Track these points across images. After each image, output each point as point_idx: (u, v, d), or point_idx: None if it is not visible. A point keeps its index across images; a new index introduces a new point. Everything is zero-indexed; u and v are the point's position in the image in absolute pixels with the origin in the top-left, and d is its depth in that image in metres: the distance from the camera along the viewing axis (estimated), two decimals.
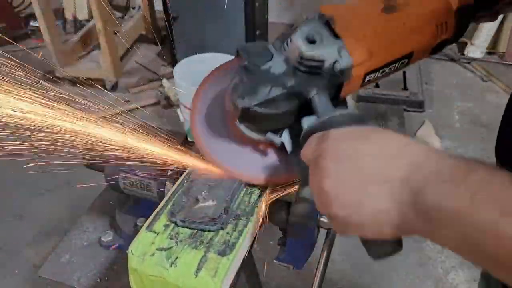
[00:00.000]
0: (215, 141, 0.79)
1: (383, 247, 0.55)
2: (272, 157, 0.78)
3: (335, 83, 0.67)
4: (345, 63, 0.65)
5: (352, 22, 0.67)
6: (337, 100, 0.71)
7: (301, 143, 0.62)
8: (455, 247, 0.43)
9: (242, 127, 0.74)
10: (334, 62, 0.65)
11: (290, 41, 0.67)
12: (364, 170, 0.49)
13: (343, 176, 0.50)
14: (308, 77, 0.66)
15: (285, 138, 0.72)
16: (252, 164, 0.78)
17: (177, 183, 0.80)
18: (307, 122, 0.66)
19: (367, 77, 0.69)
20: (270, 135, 0.72)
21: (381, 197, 0.47)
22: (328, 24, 0.66)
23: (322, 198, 0.53)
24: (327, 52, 0.65)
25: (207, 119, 0.80)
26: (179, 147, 0.83)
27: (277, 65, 0.67)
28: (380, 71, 0.70)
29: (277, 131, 0.72)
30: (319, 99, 0.65)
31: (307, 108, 0.67)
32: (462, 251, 0.43)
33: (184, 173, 0.81)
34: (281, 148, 0.73)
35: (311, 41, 0.65)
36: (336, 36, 0.66)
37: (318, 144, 0.55)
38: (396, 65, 0.71)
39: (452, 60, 3.61)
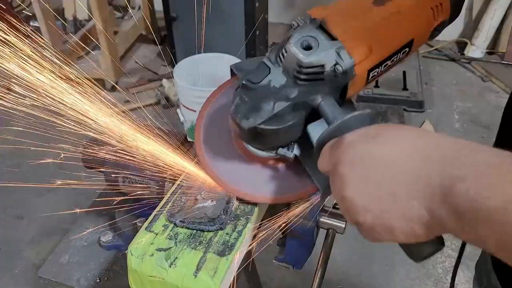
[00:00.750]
0: (223, 165, 0.77)
1: (423, 248, 0.53)
2: (285, 172, 0.76)
3: (339, 86, 0.65)
4: (346, 64, 0.62)
5: (345, 20, 0.65)
6: (344, 102, 0.68)
7: (316, 153, 0.59)
8: (487, 246, 0.41)
9: (250, 147, 0.72)
10: (335, 65, 0.62)
11: (286, 52, 0.64)
12: (384, 173, 0.47)
13: (363, 181, 0.48)
14: (311, 84, 0.64)
15: (297, 151, 0.70)
16: (267, 184, 0.75)
17: (177, 183, 0.80)
18: (314, 129, 0.63)
19: (371, 73, 0.67)
20: (282, 151, 0.69)
21: (407, 198, 0.45)
22: (321, 27, 0.64)
23: (345, 207, 0.51)
24: (326, 56, 0.62)
25: (212, 143, 0.78)
26: (181, 149, 0.82)
27: (276, 78, 0.65)
28: (383, 65, 0.68)
29: (288, 146, 0.70)
30: (326, 104, 0.63)
31: (315, 115, 0.64)
32: (493, 248, 0.41)
33: (184, 173, 0.81)
34: (293, 162, 0.71)
35: (307, 48, 0.62)
36: (331, 37, 0.63)
37: (333, 152, 0.53)
38: (398, 55, 0.69)
39: (452, 60, 3.61)
